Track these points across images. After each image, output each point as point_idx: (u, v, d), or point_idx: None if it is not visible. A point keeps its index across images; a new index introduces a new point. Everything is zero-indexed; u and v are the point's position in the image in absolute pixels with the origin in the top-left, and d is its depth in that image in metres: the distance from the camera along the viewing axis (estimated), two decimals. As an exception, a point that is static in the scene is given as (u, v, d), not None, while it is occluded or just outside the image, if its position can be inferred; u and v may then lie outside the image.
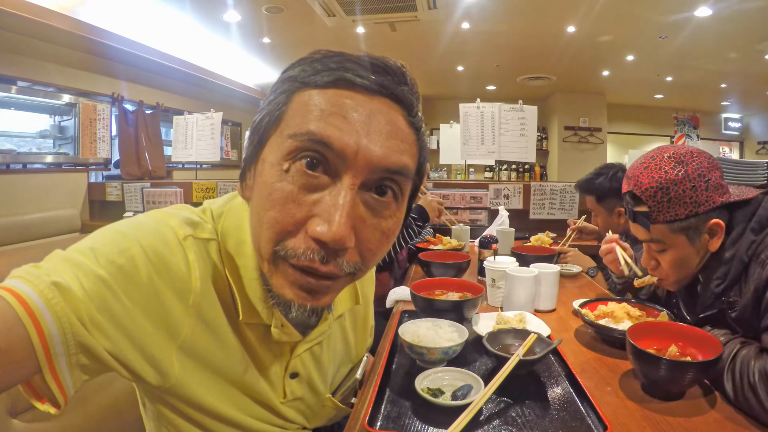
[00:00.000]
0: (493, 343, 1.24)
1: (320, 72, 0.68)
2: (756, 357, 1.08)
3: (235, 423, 0.87)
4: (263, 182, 0.68)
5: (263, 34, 6.33)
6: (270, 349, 0.87)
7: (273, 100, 0.71)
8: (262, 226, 0.67)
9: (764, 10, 5.29)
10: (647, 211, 1.34)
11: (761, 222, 1.26)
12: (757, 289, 1.19)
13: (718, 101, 11.19)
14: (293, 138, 0.65)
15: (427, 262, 2.14)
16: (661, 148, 1.36)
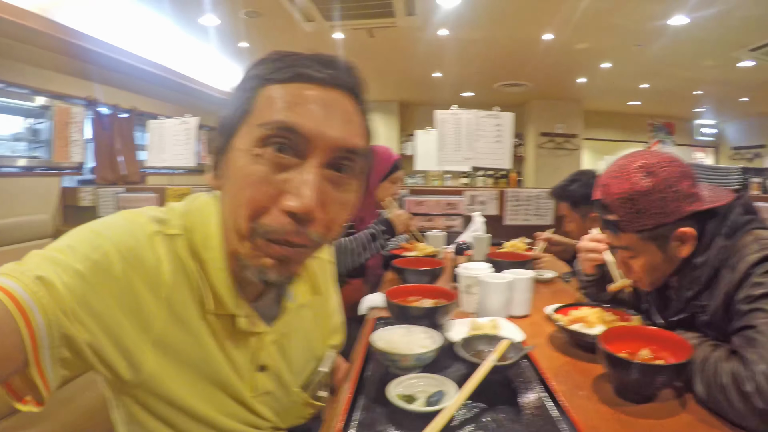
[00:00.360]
0: (466, 349, 1.23)
1: (281, 69, 0.77)
2: (726, 359, 1.09)
3: (208, 421, 0.88)
4: (237, 167, 0.75)
5: (241, 39, 6.31)
6: (238, 341, 0.90)
7: (239, 96, 0.79)
8: (240, 206, 0.75)
9: (739, 19, 5.43)
10: (616, 220, 1.35)
11: (731, 228, 1.27)
12: (727, 294, 1.21)
13: (692, 108, 11.48)
14: (263, 126, 0.74)
15: (402, 268, 2.14)
16: (633, 155, 1.37)
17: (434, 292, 1.66)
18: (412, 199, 4.02)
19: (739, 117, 12.35)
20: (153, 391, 0.82)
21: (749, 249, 1.20)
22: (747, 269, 1.17)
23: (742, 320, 1.13)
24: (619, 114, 12.15)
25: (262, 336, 0.93)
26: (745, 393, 1.00)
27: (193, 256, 0.83)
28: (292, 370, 1.02)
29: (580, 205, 2.56)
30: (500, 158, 4.20)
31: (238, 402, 0.92)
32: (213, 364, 0.86)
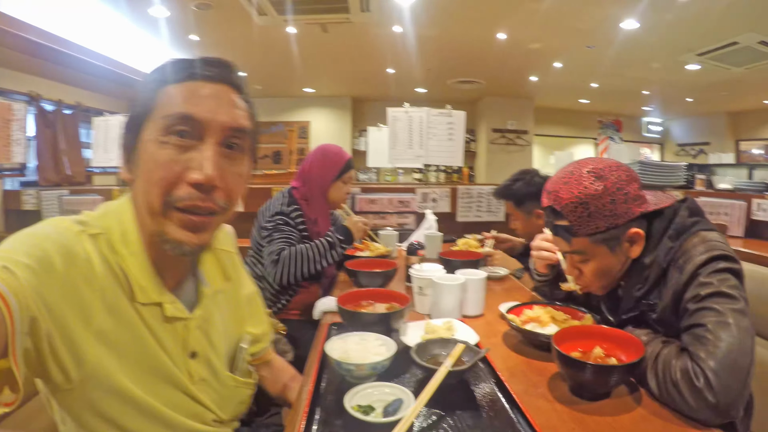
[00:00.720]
0: (421, 354, 1.22)
1: (176, 72, 0.91)
2: (677, 356, 1.13)
3: (154, 414, 0.92)
4: (148, 154, 0.87)
5: (191, 31, 6.16)
6: (167, 329, 0.96)
7: (142, 98, 0.91)
8: (153, 185, 0.86)
9: (687, 25, 5.67)
10: (568, 225, 1.36)
11: (678, 229, 1.32)
12: (675, 293, 1.25)
13: (640, 106, 11.96)
14: (166, 119, 0.87)
15: (354, 271, 2.10)
16: (580, 162, 1.39)
17: (387, 296, 1.64)
18: (364, 198, 3.99)
19: (684, 115, 12.93)
20: (98, 386, 0.85)
21: (696, 250, 1.24)
22: (695, 270, 1.21)
23: (691, 319, 1.17)
24: (569, 111, 12.49)
25: (187, 322, 1.00)
26: (697, 388, 1.04)
27: (114, 252, 0.90)
28: (218, 355, 1.09)
29: (524, 203, 2.61)
30: (452, 156, 4.21)
31: (180, 390, 0.98)
32: (150, 352, 0.92)
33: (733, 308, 1.12)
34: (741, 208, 4.02)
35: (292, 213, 2.43)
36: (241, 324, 1.24)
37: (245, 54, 7.31)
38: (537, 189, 2.56)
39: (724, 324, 1.10)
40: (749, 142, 12.15)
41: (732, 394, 1.03)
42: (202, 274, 1.09)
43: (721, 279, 1.17)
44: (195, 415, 1.01)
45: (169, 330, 0.97)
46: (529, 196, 2.57)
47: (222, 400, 1.09)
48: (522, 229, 2.68)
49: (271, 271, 2.27)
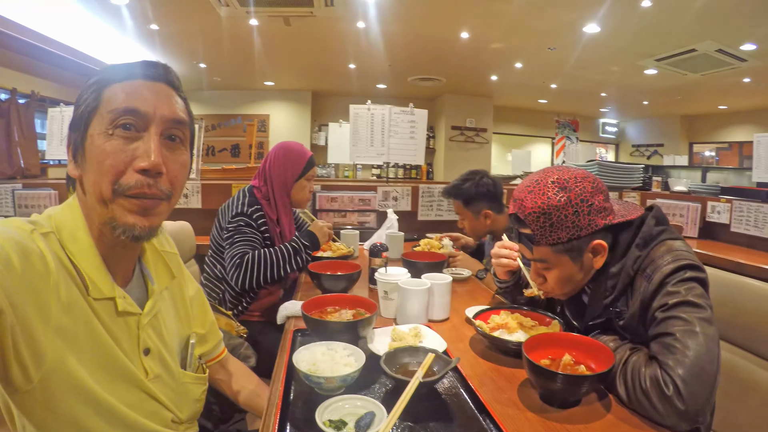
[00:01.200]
0: (391, 364, 1.20)
1: (119, 72, 0.98)
2: (646, 364, 1.15)
3: (111, 412, 0.92)
4: (96, 147, 0.92)
5: (152, 20, 5.97)
6: (121, 325, 0.98)
7: (87, 97, 0.96)
8: (102, 175, 0.91)
9: (647, 30, 5.83)
10: (531, 234, 1.36)
11: (645, 238, 1.33)
12: (643, 301, 1.26)
13: (597, 107, 12.26)
14: (111, 113, 0.93)
15: (317, 274, 2.06)
16: (547, 171, 1.39)
17: (353, 302, 1.60)
18: (324, 195, 3.93)
19: (639, 117, 13.33)
20: (58, 386, 0.85)
21: (663, 260, 1.26)
22: (662, 279, 1.23)
23: (659, 327, 1.19)
24: (528, 110, 12.70)
25: (139, 318, 1.02)
26: (666, 396, 1.07)
27: (66, 248, 0.92)
28: (170, 352, 1.11)
29: (472, 203, 2.66)
30: (414, 154, 4.21)
31: (136, 387, 0.99)
32: (106, 349, 0.93)
33: (699, 317, 1.14)
34: (696, 210, 4.14)
35: (253, 214, 2.36)
36: (189, 322, 1.27)
37: (206, 45, 7.17)
38: (485, 190, 2.60)
39: (692, 333, 1.12)
40: (702, 145, 12.59)
41: (700, 401, 1.06)
42: (149, 272, 1.13)
43: (688, 288, 1.19)
44: (153, 414, 1.02)
45: (122, 326, 0.98)
46: (478, 197, 2.63)
47: (177, 397, 1.11)
48: (469, 229, 2.75)
49: (232, 274, 2.20)
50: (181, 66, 8.27)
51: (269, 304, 2.49)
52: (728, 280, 1.67)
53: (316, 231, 2.37)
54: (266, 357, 1.81)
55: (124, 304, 0.98)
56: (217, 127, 10.85)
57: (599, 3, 5.07)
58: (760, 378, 1.52)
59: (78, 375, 0.87)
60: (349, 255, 2.74)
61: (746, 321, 1.58)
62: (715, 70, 7.29)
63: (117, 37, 6.39)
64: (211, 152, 10.85)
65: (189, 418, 1.16)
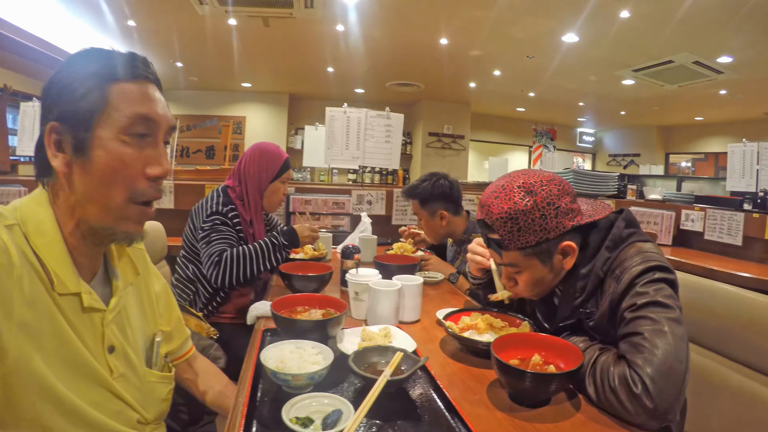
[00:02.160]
0: (359, 363, 1.20)
1: (122, 68, 0.96)
2: (615, 363, 1.16)
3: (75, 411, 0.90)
4: (108, 153, 0.92)
5: (129, 17, 5.90)
6: (85, 322, 0.96)
7: (87, 91, 0.92)
8: (115, 183, 0.93)
9: (625, 41, 5.91)
10: (499, 239, 1.37)
11: (614, 240, 1.35)
12: (612, 302, 1.28)
13: (575, 117, 12.43)
14: (127, 118, 0.93)
15: (288, 275, 2.04)
16: (512, 175, 1.39)
17: (323, 302, 1.59)
18: (298, 198, 3.92)
19: (616, 127, 13.55)
20: (20, 382, 0.83)
21: (632, 261, 1.27)
22: (631, 280, 1.24)
23: (628, 327, 1.20)
24: (506, 118, 12.82)
25: (104, 315, 1.01)
26: (635, 394, 1.07)
27: (31, 241, 0.90)
28: (134, 350, 1.10)
29: (428, 204, 2.68)
30: (389, 158, 4.21)
31: (101, 385, 0.97)
32: (70, 346, 0.92)
33: (668, 317, 1.16)
34: (670, 218, 4.21)
35: (228, 213, 2.33)
36: (155, 320, 1.25)
37: (183, 44, 7.11)
38: (441, 191, 2.63)
39: (660, 332, 1.13)
40: (678, 156, 12.85)
41: (669, 399, 1.07)
42: (114, 268, 1.11)
43: (656, 289, 1.21)
44: (118, 414, 1.00)
45: (87, 323, 0.97)
46: (434, 198, 2.66)
47: (143, 397, 1.09)
48: (426, 229, 2.77)
49: (211, 272, 2.16)
50: (157, 64, 7.90)
51: (241, 304, 2.46)
52: (699, 284, 1.69)
53: (298, 230, 2.33)
54: (236, 358, 1.78)
55: (89, 299, 0.97)
56: (192, 128, 10.73)
57: (578, 13, 5.14)
58: (731, 380, 1.54)
59: (40, 372, 0.85)
60: (322, 257, 2.72)
61: (717, 324, 1.60)
62: (692, 81, 7.43)
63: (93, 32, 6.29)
64: (185, 153, 10.73)
65: (155, 418, 1.15)
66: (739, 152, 4.11)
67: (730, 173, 4.19)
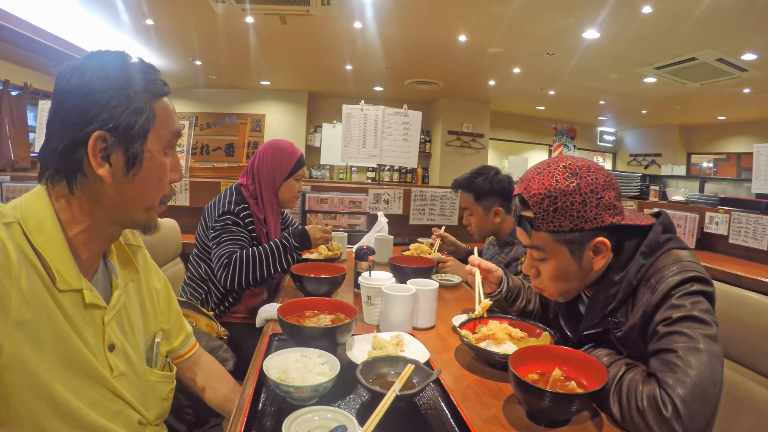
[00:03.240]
0: (367, 374, 1.14)
1: (158, 84, 1.02)
2: (644, 382, 1.09)
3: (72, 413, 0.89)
4: (157, 165, 1.01)
5: (147, 15, 5.91)
6: (86, 319, 0.96)
7: (138, 108, 0.96)
8: (157, 188, 1.03)
9: (647, 37, 5.76)
10: (531, 217, 1.28)
11: (651, 247, 1.25)
12: (645, 313, 1.19)
13: (595, 116, 12.21)
14: (171, 134, 1.04)
15: (300, 276, 1.98)
16: (559, 157, 1.32)
17: (333, 307, 1.54)
18: (314, 196, 3.86)
19: (637, 126, 13.31)
20: (15, 381, 0.82)
21: (669, 270, 1.18)
22: (668, 291, 1.16)
23: (661, 342, 1.12)
24: (525, 117, 12.67)
25: (105, 312, 1.00)
26: (665, 417, 1.00)
27: (32, 238, 0.90)
28: (135, 349, 1.10)
29: (484, 198, 2.57)
30: (407, 156, 4.15)
31: (101, 384, 0.96)
32: (69, 344, 0.91)
33: (704, 333, 1.08)
34: (694, 220, 4.09)
35: (240, 212, 2.29)
36: (156, 318, 1.25)
37: (201, 42, 7.11)
38: (500, 187, 2.53)
39: (695, 350, 1.06)
40: (700, 156, 12.56)
41: (700, 424, 1.00)
42: (113, 266, 1.11)
43: (693, 302, 1.12)
44: (117, 415, 1.00)
45: (88, 320, 0.97)
46: (492, 193, 2.54)
47: (143, 396, 1.09)
48: (476, 225, 2.65)
49: (220, 275, 2.13)
50: (176, 63, 8.22)
51: (253, 305, 2.41)
52: (727, 292, 1.59)
53: (310, 232, 2.27)
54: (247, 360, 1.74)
55: (91, 296, 0.96)
56: (211, 126, 10.78)
57: (599, 8, 5.02)
58: (758, 394, 1.45)
59: (36, 370, 0.84)
60: (336, 257, 2.66)
61: (744, 334, 1.50)
62: (715, 79, 7.23)
63: (112, 31, 6.32)
64: (205, 151, 10.77)
65: (156, 418, 1.14)
66: (766, 153, 3.98)
67: (755, 175, 4.05)
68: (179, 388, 1.24)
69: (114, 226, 1.03)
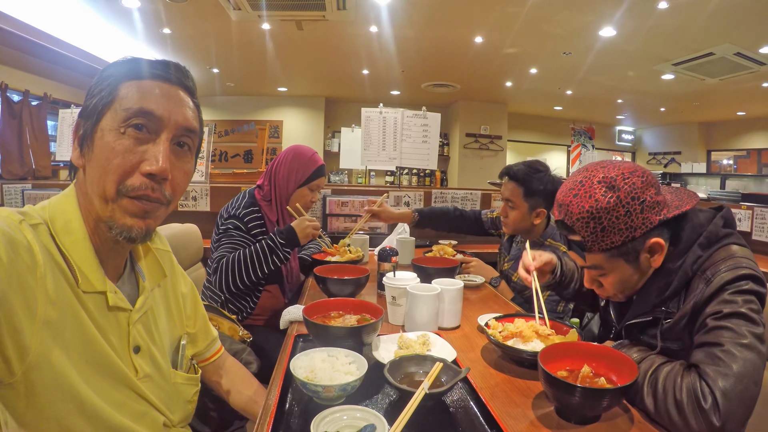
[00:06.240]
0: (395, 373, 1.13)
1: (137, 69, 0.97)
2: (684, 374, 1.08)
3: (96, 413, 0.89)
4: (105, 143, 0.92)
5: (164, 24, 6.00)
6: (111, 321, 0.96)
7: (103, 89, 0.95)
8: (108, 172, 0.91)
9: (664, 33, 5.71)
10: (581, 241, 1.26)
11: (710, 239, 1.23)
12: (696, 304, 1.17)
13: (613, 115, 12.12)
14: (126, 111, 0.92)
15: (323, 278, 1.98)
16: (590, 169, 1.27)
17: (358, 307, 1.53)
18: (335, 200, 3.87)
19: (656, 124, 13.19)
20: (41, 380, 0.82)
21: (725, 265, 1.17)
22: (721, 285, 1.14)
23: (708, 336, 1.11)
24: (543, 118, 12.62)
25: (130, 315, 1.00)
26: (703, 409, 0.99)
27: (56, 242, 0.90)
28: (160, 351, 1.09)
29: (533, 197, 2.41)
30: (426, 159, 4.14)
31: (126, 385, 0.96)
32: (94, 345, 0.91)
33: (752, 332, 1.07)
34: (716, 217, 4.01)
35: (246, 216, 2.30)
36: (182, 322, 1.25)
37: (218, 50, 7.18)
38: (552, 188, 2.36)
39: (741, 346, 1.04)
40: (720, 153, 12.39)
41: (736, 421, 0.98)
42: (141, 269, 1.11)
43: (745, 300, 1.11)
44: (142, 416, 0.99)
45: (113, 322, 0.97)
46: (540, 193, 2.39)
47: (168, 398, 1.09)
48: (515, 220, 2.47)
49: (213, 279, 2.16)
50: (193, 71, 8.01)
51: (274, 308, 2.41)
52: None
53: (296, 228, 2.23)
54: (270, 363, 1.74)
55: (115, 299, 0.96)
56: (230, 133, 10.87)
57: (615, 5, 4.98)
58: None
59: (62, 370, 0.84)
60: (358, 260, 2.64)
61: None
62: (734, 74, 7.15)
63: (129, 40, 6.41)
64: (223, 158, 10.86)
65: (181, 420, 1.14)
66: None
67: (778, 169, 3.97)
68: (203, 391, 1.24)
69: (102, 225, 0.96)
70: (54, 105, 6.10)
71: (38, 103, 6.06)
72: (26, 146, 5.71)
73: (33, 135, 5.81)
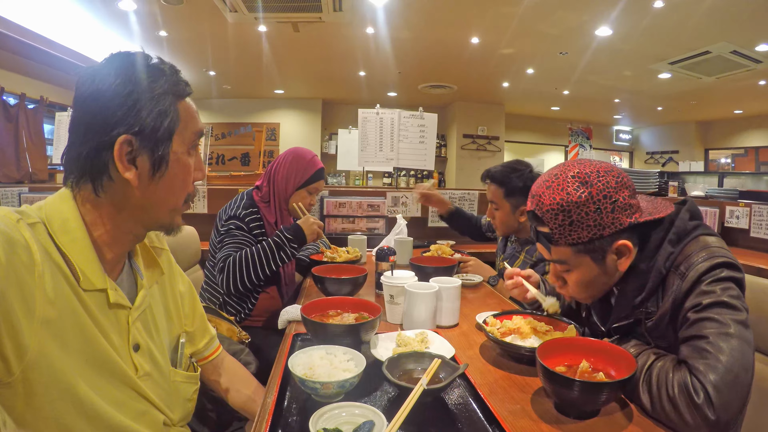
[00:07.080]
0: (393, 370, 1.13)
1: (182, 85, 1.02)
2: (674, 369, 1.08)
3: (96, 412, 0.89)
4: (182, 165, 1.02)
5: (160, 27, 5.99)
6: (110, 319, 0.96)
7: (165, 108, 0.97)
8: (182, 189, 1.04)
9: (660, 32, 5.72)
10: (548, 233, 1.27)
11: (679, 234, 1.23)
12: (675, 301, 1.17)
13: (611, 114, 12.16)
14: (194, 134, 1.04)
15: (321, 277, 1.98)
16: (567, 164, 1.29)
17: (356, 305, 1.53)
18: (332, 201, 3.87)
19: (653, 124, 13.23)
20: (40, 380, 0.82)
21: (698, 256, 1.17)
22: (697, 277, 1.14)
23: (692, 329, 1.10)
24: (540, 118, 12.64)
25: (129, 312, 1.01)
26: (696, 404, 0.99)
27: (53, 241, 0.90)
28: (160, 349, 1.10)
29: (514, 196, 2.45)
30: (423, 159, 4.14)
31: (125, 384, 0.96)
32: (94, 343, 0.91)
33: (735, 319, 1.06)
34: (714, 214, 4.04)
35: (247, 217, 2.30)
36: (180, 320, 1.26)
37: (215, 52, 7.18)
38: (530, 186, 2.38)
39: (726, 336, 1.04)
40: (718, 151, 12.43)
41: (732, 411, 0.99)
42: (138, 267, 1.11)
43: (723, 288, 1.11)
44: (142, 415, 1.00)
45: (113, 320, 0.97)
46: (520, 191, 2.42)
47: (168, 396, 1.09)
48: (501, 220, 2.52)
49: (219, 279, 2.15)
50: (190, 73, 8.30)
51: (272, 309, 2.41)
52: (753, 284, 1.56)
53: (303, 225, 2.24)
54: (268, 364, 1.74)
55: (115, 296, 0.97)
56: (227, 135, 10.86)
57: (611, 5, 4.99)
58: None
59: (61, 369, 0.85)
60: (356, 260, 2.64)
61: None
62: (730, 72, 7.17)
63: (125, 43, 6.40)
64: (220, 161, 10.86)
65: (181, 419, 1.15)
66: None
67: (776, 167, 3.99)
68: (202, 391, 1.24)
69: (138, 227, 1.02)
70: (50, 108, 6.09)
71: (35, 107, 6.05)
72: (23, 150, 5.69)
73: (29, 138, 5.79)
